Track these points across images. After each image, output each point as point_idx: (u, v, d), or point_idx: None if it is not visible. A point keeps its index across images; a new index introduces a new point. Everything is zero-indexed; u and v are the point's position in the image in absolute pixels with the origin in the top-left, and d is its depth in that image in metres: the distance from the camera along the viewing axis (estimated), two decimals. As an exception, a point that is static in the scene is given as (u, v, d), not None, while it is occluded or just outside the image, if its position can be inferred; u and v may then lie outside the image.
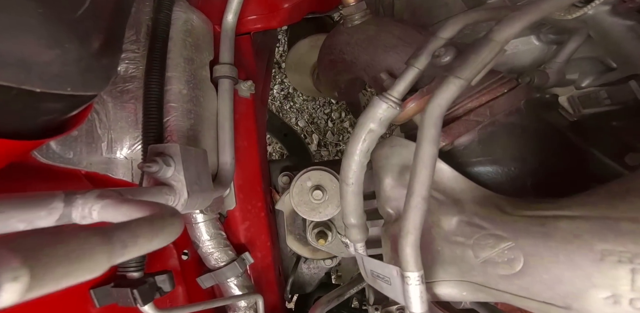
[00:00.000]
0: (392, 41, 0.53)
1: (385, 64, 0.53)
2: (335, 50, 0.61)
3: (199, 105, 0.60)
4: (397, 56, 0.52)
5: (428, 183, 0.36)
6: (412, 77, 0.40)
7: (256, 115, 0.74)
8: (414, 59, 0.40)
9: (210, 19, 0.74)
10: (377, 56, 0.53)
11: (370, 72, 0.56)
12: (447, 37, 0.39)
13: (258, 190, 0.74)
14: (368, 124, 0.42)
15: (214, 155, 0.65)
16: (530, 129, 0.46)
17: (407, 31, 0.53)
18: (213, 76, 0.66)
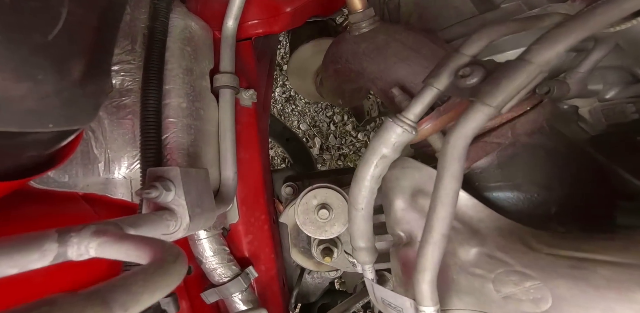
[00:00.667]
0: (404, 52, 0.48)
1: (396, 77, 0.48)
2: (340, 59, 0.56)
3: (199, 119, 0.56)
4: (409, 68, 0.47)
5: (449, 221, 0.32)
6: (430, 98, 0.35)
7: (258, 125, 0.70)
8: (434, 78, 0.35)
9: (210, 24, 0.68)
10: (387, 68, 0.49)
11: (379, 84, 0.51)
12: (472, 54, 0.34)
13: (261, 202, 0.70)
14: (380, 149, 0.38)
15: (216, 170, 0.61)
16: (554, 149, 0.41)
17: (420, 41, 0.48)
18: (213, 86, 0.61)
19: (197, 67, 0.57)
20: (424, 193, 0.44)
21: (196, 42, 0.58)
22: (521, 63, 0.29)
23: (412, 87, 0.47)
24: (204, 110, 0.57)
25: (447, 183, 0.30)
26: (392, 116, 0.38)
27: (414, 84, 0.46)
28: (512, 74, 0.29)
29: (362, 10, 0.52)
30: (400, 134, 0.36)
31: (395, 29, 0.50)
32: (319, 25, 0.88)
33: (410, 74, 0.47)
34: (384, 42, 0.49)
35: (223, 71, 0.62)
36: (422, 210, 0.45)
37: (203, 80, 0.58)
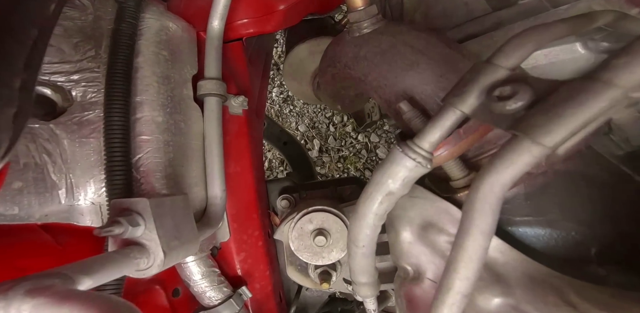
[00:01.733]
0: (412, 57, 0.38)
1: (403, 86, 0.39)
2: (339, 63, 0.47)
3: (179, 134, 0.47)
4: (418, 77, 0.38)
5: (473, 281, 0.24)
6: (451, 123, 0.26)
7: (250, 134, 0.61)
8: (457, 98, 0.25)
9: (195, 24, 0.58)
10: (393, 75, 0.39)
11: (383, 94, 0.42)
12: (511, 67, 0.24)
13: (254, 217, 0.62)
14: (386, 184, 0.29)
15: (202, 189, 0.53)
16: (594, 177, 0.33)
17: (431, 43, 0.38)
18: (197, 94, 0.52)
19: (176, 74, 0.47)
20: (436, 229, 0.35)
21: (175, 45, 0.48)
22: (596, 85, 0.19)
23: (423, 100, 0.37)
24: (185, 123, 0.48)
25: (475, 240, 0.22)
26: (402, 144, 0.29)
27: (424, 95, 0.37)
28: (582, 102, 0.19)
29: (362, 8, 0.42)
30: (411, 168, 0.27)
31: (401, 30, 0.40)
32: (316, 24, 0.78)
33: (420, 83, 0.38)
34: (388, 45, 0.40)
35: (208, 77, 0.53)
36: (432, 245, 0.37)
37: (184, 88, 0.49)
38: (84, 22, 0.40)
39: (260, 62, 0.76)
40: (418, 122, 0.35)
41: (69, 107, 0.39)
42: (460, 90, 0.25)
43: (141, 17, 0.44)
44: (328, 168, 1.10)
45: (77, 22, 0.39)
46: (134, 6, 0.40)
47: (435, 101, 0.36)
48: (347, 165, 1.10)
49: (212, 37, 0.54)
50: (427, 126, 0.28)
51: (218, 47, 0.54)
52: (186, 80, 0.50)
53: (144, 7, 0.45)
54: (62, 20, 0.37)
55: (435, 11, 0.62)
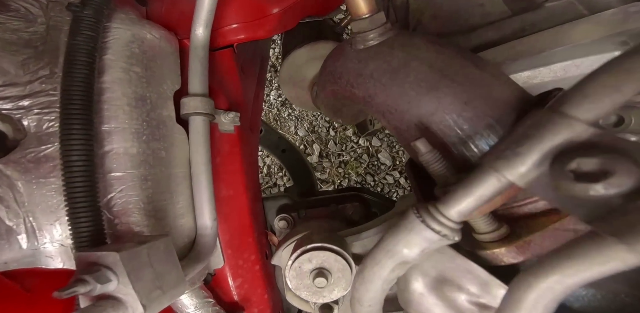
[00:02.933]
0: (431, 78, 0.30)
1: (418, 113, 0.31)
2: (340, 80, 0.38)
3: (159, 165, 0.39)
4: (437, 103, 0.29)
5: None
6: (490, 193, 0.18)
7: (243, 153, 0.53)
8: (505, 162, 0.17)
9: (179, 31, 0.49)
10: (405, 100, 0.31)
11: (393, 120, 0.33)
12: (592, 120, 0.15)
13: (249, 241, 0.54)
14: (401, 253, 0.21)
15: (190, 219, 0.45)
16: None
17: (454, 62, 0.30)
18: (181, 113, 0.44)
19: (154, 93, 0.39)
20: (455, 286, 0.28)
21: (151, 59, 0.39)
22: None
23: (442, 131, 0.29)
24: (167, 151, 0.40)
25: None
26: (422, 210, 0.21)
27: (444, 126, 0.29)
28: None
29: (368, 16, 0.34)
30: (434, 241, 0.20)
31: (416, 43, 0.31)
32: (314, 26, 0.68)
33: (439, 111, 0.30)
34: (400, 62, 0.31)
35: (192, 93, 0.44)
36: (449, 301, 0.30)
37: (164, 109, 0.40)
38: (32, 34, 0.31)
39: (254, 69, 0.67)
40: (439, 168, 0.27)
41: (21, 140, 0.31)
42: (510, 150, 0.17)
43: (107, 27, 0.35)
44: (329, 174, 1.02)
45: (23, 35, 0.30)
46: (92, 15, 0.31)
47: (458, 135, 0.28)
48: (348, 170, 1.02)
49: (196, 46, 0.45)
50: (459, 193, 0.20)
51: (203, 58, 0.45)
52: (166, 99, 0.41)
53: (110, 14, 0.36)
54: (1, 32, 0.29)
55: (446, 13, 0.53)
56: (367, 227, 0.48)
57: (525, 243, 0.28)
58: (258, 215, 0.58)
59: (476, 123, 0.29)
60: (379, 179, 1.00)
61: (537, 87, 0.43)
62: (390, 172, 0.98)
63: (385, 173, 0.98)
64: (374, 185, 0.99)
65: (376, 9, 0.34)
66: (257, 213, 0.57)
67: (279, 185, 1.03)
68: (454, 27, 0.51)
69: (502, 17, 0.47)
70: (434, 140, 0.30)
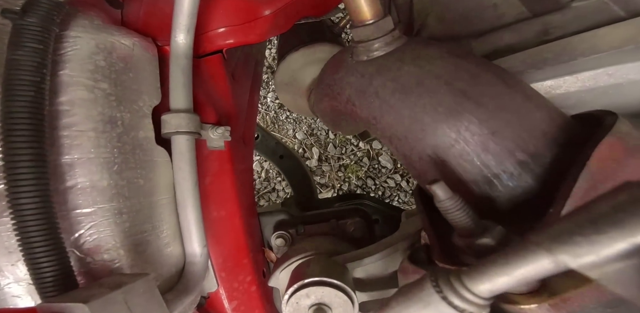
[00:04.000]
0: (450, 100, 0.23)
1: (433, 143, 0.24)
2: (340, 95, 0.32)
3: (136, 194, 0.33)
4: (457, 132, 0.23)
5: None
6: (535, 275, 0.13)
7: (235, 171, 0.47)
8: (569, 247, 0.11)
9: (160, 37, 0.42)
10: (418, 126, 0.24)
11: (402, 147, 0.27)
12: None
13: (245, 262, 0.49)
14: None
15: (177, 246, 0.39)
16: None
17: (479, 79, 0.23)
18: (162, 132, 0.38)
19: (126, 112, 0.32)
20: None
21: (123, 72, 0.33)
22: None
23: (462, 167, 0.23)
24: (146, 178, 0.34)
25: None
26: (442, 280, 0.15)
27: (464, 160, 0.22)
28: None
29: (372, 21, 0.27)
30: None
31: (431, 55, 0.25)
32: (311, 27, 0.61)
33: (460, 142, 0.23)
34: (412, 79, 0.25)
35: (174, 109, 0.37)
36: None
37: (139, 130, 0.34)
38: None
39: (248, 74, 0.60)
40: (460, 217, 0.21)
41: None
42: (582, 237, 0.11)
43: (62, 36, 0.28)
44: (328, 178, 0.96)
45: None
46: (38, 23, 0.24)
47: (482, 172, 0.22)
48: (348, 174, 0.95)
49: (178, 55, 0.38)
50: (492, 269, 0.14)
51: (186, 67, 0.39)
52: (142, 118, 0.34)
53: (67, 21, 0.29)
54: None
55: (454, 14, 0.45)
56: (369, 251, 0.42)
57: (562, 301, 0.22)
58: (253, 232, 0.52)
59: (505, 158, 0.22)
60: (380, 183, 0.94)
61: (561, 98, 0.37)
62: (392, 175, 0.92)
63: (387, 176, 0.93)
64: (374, 189, 0.93)
65: (382, 14, 0.27)
66: (253, 231, 0.52)
67: (278, 190, 0.98)
68: (464, 30, 0.44)
69: (519, 18, 0.40)
70: (451, 175, 0.24)
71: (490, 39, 0.40)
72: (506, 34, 0.39)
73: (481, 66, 0.24)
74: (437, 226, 0.29)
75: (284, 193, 0.97)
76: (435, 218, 0.30)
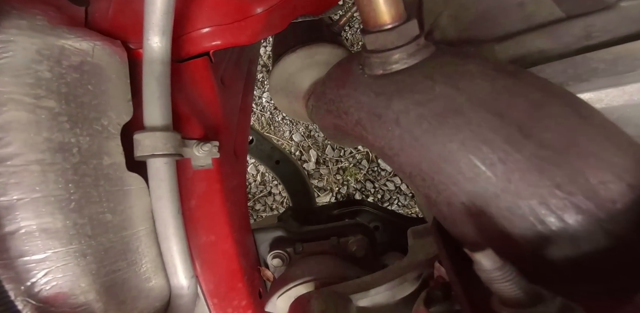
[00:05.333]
0: (500, 138, 0.17)
1: (471, 191, 0.17)
2: (347, 115, 0.25)
3: (104, 231, 0.25)
4: (507, 182, 0.17)
5: None
6: None
7: (225, 188, 0.40)
8: None
9: (132, 39, 0.34)
10: (454, 169, 0.18)
11: (427, 189, 0.20)
12: None
13: (239, 287, 0.43)
14: None
15: (161, 278, 0.33)
16: None
17: (542, 109, 0.16)
18: (134, 155, 0.30)
19: (84, 135, 0.25)
20: None
21: (77, 84, 0.25)
22: None
23: (509, 220, 0.16)
24: (114, 212, 0.27)
25: None
26: None
27: (512, 214, 0.16)
28: None
29: (392, 25, 0.20)
30: None
31: (473, 70, 0.17)
32: (308, 26, 0.53)
33: (510, 193, 0.17)
34: (447, 105, 0.17)
35: (149, 126, 0.30)
36: None
37: (103, 156, 0.26)
38: None
39: (240, 77, 0.52)
40: (510, 288, 0.15)
41: None
42: None
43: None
44: (326, 181, 0.90)
45: None
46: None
47: (535, 228, 0.16)
48: (346, 177, 0.89)
49: (152, 60, 0.30)
50: None
51: (162, 75, 0.31)
52: (108, 140, 0.27)
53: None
54: None
55: (471, 13, 0.38)
56: (376, 281, 0.36)
57: None
58: (248, 252, 0.46)
59: (571, 216, 0.16)
60: (379, 186, 0.88)
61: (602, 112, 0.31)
62: (391, 178, 0.86)
63: (386, 179, 0.87)
64: (374, 192, 0.88)
65: (404, 16, 0.19)
66: (247, 251, 0.45)
67: (274, 194, 0.91)
68: (483, 33, 0.37)
69: (551, 20, 0.33)
70: (490, 227, 0.18)
71: (517, 43, 0.33)
72: (538, 38, 0.32)
73: (543, 90, 0.17)
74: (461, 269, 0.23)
75: (281, 197, 0.91)
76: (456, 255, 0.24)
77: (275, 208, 0.90)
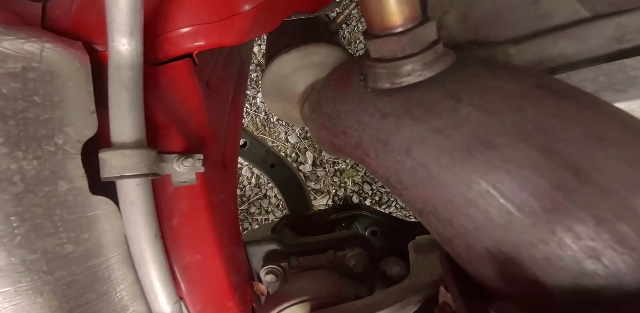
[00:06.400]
0: (548, 182, 0.12)
1: (503, 240, 0.14)
2: (345, 136, 0.20)
3: (64, 264, 0.21)
4: (549, 230, 0.13)
5: None
6: None
7: (212, 204, 0.35)
8: None
9: (98, 39, 0.29)
10: (479, 212, 0.14)
11: (443, 230, 0.16)
12: None
13: (229, 306, 0.39)
14: None
15: (141, 304, 0.29)
16: None
17: (606, 144, 0.12)
18: (101, 176, 0.26)
19: (30, 159, 0.20)
20: None
21: (17, 96, 0.20)
22: None
23: (544, 270, 0.12)
24: (77, 242, 0.22)
25: None
26: None
27: (554, 267, 0.12)
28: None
29: (404, 27, 0.15)
30: None
31: (507, 87, 0.13)
32: (303, 25, 0.47)
33: (551, 243, 0.13)
34: (476, 132, 0.13)
35: (117, 143, 0.25)
36: None
37: (58, 181, 0.22)
38: None
39: (229, 78, 0.46)
40: None
41: None
42: None
43: None
44: (323, 184, 0.85)
45: None
46: None
47: (576, 281, 0.12)
48: (344, 179, 0.85)
49: (119, 65, 0.25)
50: None
51: (132, 82, 0.26)
52: (64, 161, 0.22)
53: None
54: None
55: (481, 12, 0.33)
56: (377, 305, 0.33)
57: None
58: (239, 268, 0.42)
59: (629, 272, 0.12)
60: (377, 188, 0.84)
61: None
62: (387, 180, 0.82)
63: (382, 182, 0.83)
64: (371, 194, 0.84)
65: (420, 16, 0.15)
66: (238, 267, 0.41)
67: (269, 197, 0.87)
68: (494, 33, 0.32)
69: (573, 20, 0.28)
70: (519, 274, 0.14)
71: (535, 45, 0.28)
72: (560, 40, 0.27)
73: (607, 117, 0.12)
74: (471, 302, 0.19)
75: (276, 200, 0.86)
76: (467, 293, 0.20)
77: (271, 211, 0.86)
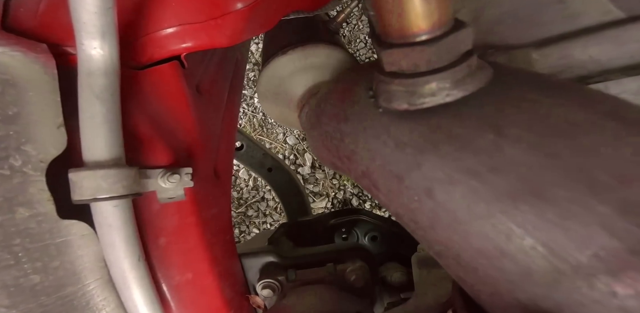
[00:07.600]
0: (622, 251, 0.09)
1: (535, 294, 0.11)
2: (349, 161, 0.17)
3: (30, 295, 0.18)
4: (608, 292, 0.10)
5: None
6: None
7: (202, 221, 0.32)
8: None
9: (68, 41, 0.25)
10: (517, 267, 0.11)
11: (466, 276, 0.13)
12: None
13: (224, 324, 0.36)
14: None
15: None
16: None
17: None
18: (72, 198, 0.22)
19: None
20: None
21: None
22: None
23: None
24: (44, 272, 0.19)
25: None
26: None
27: None
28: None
29: (430, 35, 0.11)
30: None
31: (569, 117, 0.10)
32: (302, 24, 0.43)
33: (614, 308, 0.10)
34: (528, 180, 0.10)
35: (90, 163, 0.22)
36: None
37: (18, 208, 0.18)
38: None
39: (223, 81, 0.42)
40: None
41: None
42: None
43: None
44: (322, 186, 0.82)
45: None
46: None
47: None
48: (343, 181, 0.81)
49: (89, 71, 0.21)
50: None
51: (107, 91, 0.22)
52: (25, 185, 0.19)
53: None
54: None
55: (497, 12, 0.29)
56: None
57: None
58: (234, 283, 0.39)
59: None
60: (374, 191, 0.80)
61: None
62: (387, 183, 0.79)
63: (382, 184, 0.79)
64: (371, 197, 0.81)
65: (451, 21, 0.11)
66: (232, 282, 0.38)
67: (267, 199, 0.84)
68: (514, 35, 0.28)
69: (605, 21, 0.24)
70: None
71: (561, 50, 0.25)
72: (591, 45, 0.23)
73: None
74: None
75: (274, 203, 0.83)
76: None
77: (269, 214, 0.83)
